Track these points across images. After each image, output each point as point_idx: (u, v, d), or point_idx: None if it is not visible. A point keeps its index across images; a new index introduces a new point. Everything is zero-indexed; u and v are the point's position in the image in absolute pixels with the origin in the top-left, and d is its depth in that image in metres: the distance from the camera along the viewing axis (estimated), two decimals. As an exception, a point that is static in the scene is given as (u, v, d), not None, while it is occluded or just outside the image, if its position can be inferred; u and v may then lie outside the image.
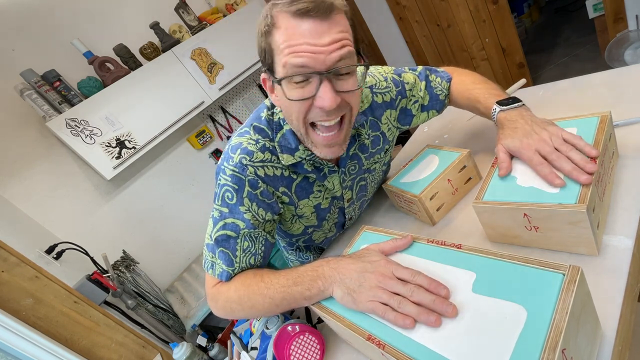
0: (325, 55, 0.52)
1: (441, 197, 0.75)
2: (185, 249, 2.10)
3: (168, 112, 1.83)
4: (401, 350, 0.43)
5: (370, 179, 0.85)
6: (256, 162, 0.66)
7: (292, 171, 0.70)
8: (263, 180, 0.67)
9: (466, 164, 0.76)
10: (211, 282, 0.69)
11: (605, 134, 0.54)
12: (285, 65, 0.54)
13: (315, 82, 0.55)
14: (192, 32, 1.96)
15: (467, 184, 0.78)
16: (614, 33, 1.97)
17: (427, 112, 0.86)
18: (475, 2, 2.29)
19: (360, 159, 0.78)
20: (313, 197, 0.75)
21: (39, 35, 1.69)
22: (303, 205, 0.75)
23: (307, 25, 0.52)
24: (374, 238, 0.65)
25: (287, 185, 0.71)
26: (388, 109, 0.79)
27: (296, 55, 0.52)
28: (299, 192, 0.73)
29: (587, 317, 0.39)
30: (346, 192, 0.80)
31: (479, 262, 0.46)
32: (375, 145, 0.79)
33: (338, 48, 0.53)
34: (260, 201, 0.67)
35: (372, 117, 0.78)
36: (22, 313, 1.05)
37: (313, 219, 0.80)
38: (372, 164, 0.82)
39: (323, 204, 0.78)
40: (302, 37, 0.52)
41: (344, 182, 0.77)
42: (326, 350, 0.66)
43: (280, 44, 0.53)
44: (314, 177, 0.73)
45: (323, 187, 0.75)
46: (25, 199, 1.63)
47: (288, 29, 0.52)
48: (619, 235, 0.50)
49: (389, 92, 0.79)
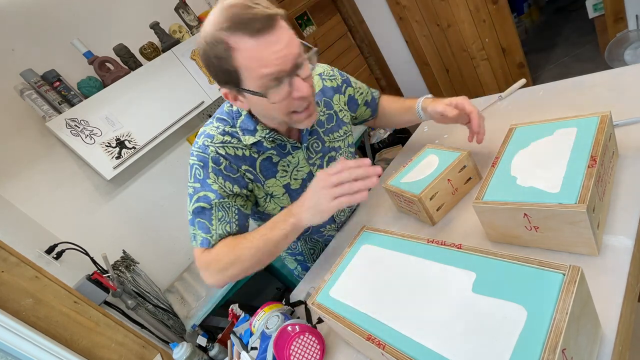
0: (287, 57, 0.62)
1: (441, 197, 0.75)
2: (186, 249, 2.10)
3: (168, 112, 1.83)
4: (401, 350, 0.43)
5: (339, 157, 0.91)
6: (217, 143, 0.76)
7: (253, 151, 0.78)
8: (224, 157, 0.76)
9: (466, 164, 0.76)
10: (198, 254, 0.76)
11: (605, 134, 0.54)
12: (262, 78, 0.62)
13: (286, 81, 0.63)
14: (192, 32, 1.96)
15: (467, 184, 0.78)
16: (614, 33, 1.97)
17: (367, 108, 1.00)
18: (475, 2, 2.29)
19: (319, 134, 0.86)
20: (280, 177, 0.82)
21: (39, 35, 1.69)
22: (271, 185, 0.82)
23: (263, 39, 0.59)
24: (374, 238, 0.65)
25: (251, 164, 0.79)
26: (336, 93, 0.92)
27: (268, 67, 0.60)
28: (263, 171, 0.80)
29: (587, 317, 0.39)
30: (316, 171, 0.86)
31: (479, 262, 0.46)
32: (329, 122, 0.89)
33: (292, 47, 0.62)
34: (226, 175, 0.76)
35: (325, 97, 0.89)
36: (22, 313, 1.05)
37: (286, 200, 0.85)
38: (334, 142, 0.90)
39: (293, 184, 0.84)
40: (265, 51, 0.60)
41: (310, 160, 0.85)
42: (326, 350, 0.66)
43: (249, 62, 0.61)
44: (277, 157, 0.81)
45: (288, 165, 0.82)
46: (25, 199, 1.63)
47: (249, 49, 0.59)
48: (619, 235, 0.50)
49: (335, 80, 0.92)
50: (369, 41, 3.00)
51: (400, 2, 2.58)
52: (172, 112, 1.84)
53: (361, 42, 3.03)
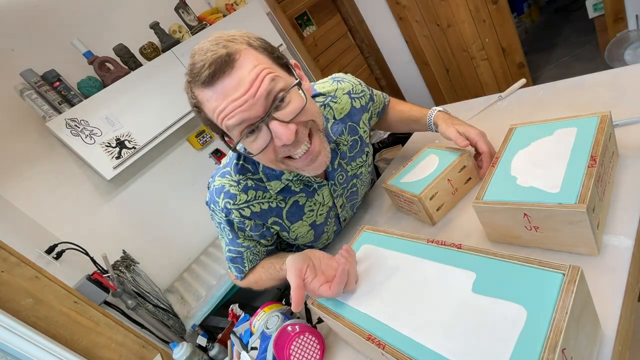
0: (253, 101, 0.51)
1: (441, 197, 0.75)
2: (186, 249, 2.10)
3: (168, 112, 1.83)
4: (401, 350, 0.43)
5: (360, 183, 0.86)
6: (240, 204, 0.69)
7: (279, 199, 0.72)
8: (249, 219, 0.71)
9: (466, 164, 0.76)
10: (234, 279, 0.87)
11: (605, 134, 0.54)
12: (230, 130, 0.54)
13: (264, 127, 0.54)
14: (192, 32, 1.96)
15: (467, 184, 0.78)
16: (614, 33, 1.97)
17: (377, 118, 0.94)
18: (475, 2, 2.29)
19: (343, 166, 0.79)
20: (306, 218, 0.77)
21: (39, 35, 1.69)
22: (297, 227, 0.78)
23: (220, 87, 0.51)
24: (374, 238, 0.65)
25: (277, 215, 0.73)
26: (364, 112, 0.82)
27: (229, 118, 0.52)
28: (290, 217, 0.75)
29: (587, 317, 0.39)
30: (338, 200, 0.82)
31: (479, 262, 0.46)
32: (353, 149, 0.80)
33: (259, 85, 0.52)
34: (254, 235, 0.75)
35: (351, 122, 0.79)
36: (22, 313, 1.05)
37: (310, 236, 0.82)
38: (357, 169, 0.82)
39: (318, 220, 0.80)
40: (223, 100, 0.51)
41: (335, 192, 0.79)
42: (326, 350, 0.66)
43: (212, 116, 0.54)
44: (304, 199, 0.74)
45: (314, 204, 0.76)
46: (25, 199, 1.62)
47: (209, 100, 0.53)
48: (619, 235, 0.50)
49: (364, 97, 0.82)
50: (369, 41, 3.00)
51: (400, 2, 2.58)
52: (172, 112, 1.84)
53: (361, 42, 3.03)
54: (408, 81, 3.07)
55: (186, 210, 2.12)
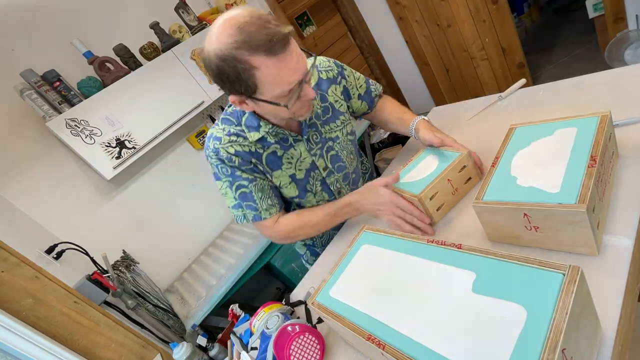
0: (300, 72, 0.69)
1: (441, 197, 0.75)
2: (185, 249, 2.10)
3: (168, 112, 1.82)
4: (401, 350, 0.43)
5: (339, 148, 0.96)
6: (225, 143, 0.84)
7: (258, 147, 0.86)
8: (235, 155, 0.84)
9: (466, 164, 0.76)
10: (261, 229, 0.93)
11: (605, 133, 0.54)
12: (281, 92, 0.69)
13: (298, 90, 0.71)
14: (192, 32, 1.96)
15: (467, 184, 0.78)
16: (614, 33, 1.97)
17: (361, 101, 1.03)
18: (475, 2, 2.29)
19: (317, 127, 0.92)
20: (285, 169, 0.90)
21: (39, 35, 1.69)
22: (278, 176, 0.90)
23: (281, 59, 0.65)
24: (374, 238, 0.65)
25: (257, 158, 0.87)
26: (332, 84, 0.95)
27: (286, 84, 0.68)
28: (269, 164, 0.88)
29: (587, 317, 0.39)
30: (318, 160, 0.93)
31: (479, 262, 0.46)
32: (325, 114, 0.93)
33: (302, 61, 0.70)
34: (244, 168, 0.86)
35: (320, 90, 0.93)
36: (22, 313, 1.05)
37: (293, 189, 0.92)
38: (331, 132, 0.94)
39: (298, 175, 0.92)
40: (283, 69, 0.66)
41: (311, 150, 0.91)
42: (326, 350, 0.66)
43: (269, 79, 0.67)
44: (281, 151, 0.88)
45: (292, 158, 0.90)
46: (25, 199, 1.62)
47: (269, 68, 0.65)
48: (619, 235, 0.50)
49: (331, 71, 0.96)
50: (369, 41, 3.00)
51: (400, 2, 2.58)
52: (172, 112, 1.83)
53: (361, 42, 3.03)
54: (408, 81, 3.07)
55: (186, 210, 2.12)
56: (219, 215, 2.24)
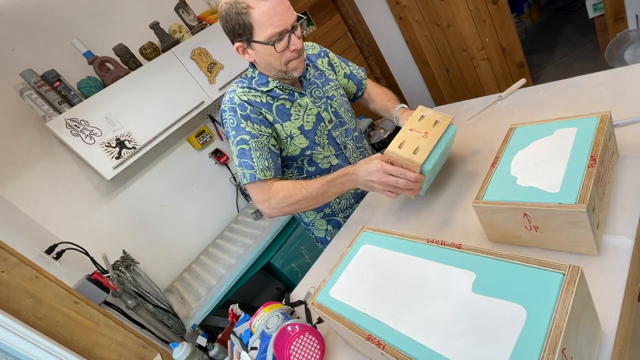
0: (289, 19, 0.85)
1: (411, 143, 0.76)
2: (185, 249, 2.10)
3: (168, 112, 1.82)
4: (401, 350, 0.43)
5: (337, 105, 1.07)
6: (239, 93, 0.96)
7: (269, 98, 0.97)
8: (248, 103, 0.94)
9: (423, 114, 0.79)
10: (255, 190, 0.94)
11: (605, 133, 0.54)
12: (270, 32, 0.84)
13: (286, 37, 0.86)
14: (192, 32, 1.96)
15: (437, 126, 0.78)
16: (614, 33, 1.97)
17: (348, 80, 1.17)
18: (475, 2, 2.29)
19: (317, 85, 1.05)
20: (294, 120, 0.99)
21: (39, 35, 1.69)
22: (288, 126, 0.98)
23: (273, 3, 0.82)
24: (374, 238, 0.65)
25: (268, 109, 0.97)
26: (318, 58, 1.11)
27: (276, 26, 0.83)
28: (279, 114, 0.98)
29: (587, 317, 0.39)
30: (323, 112, 1.03)
31: (479, 262, 0.46)
32: (320, 78, 1.07)
33: (291, 12, 0.86)
34: (253, 118, 0.93)
35: (309, 61, 1.07)
36: (22, 313, 1.05)
37: (303, 140, 1.00)
38: (328, 92, 1.07)
39: (306, 126, 1.01)
40: (275, 13, 0.83)
41: (316, 103, 1.03)
42: (326, 350, 0.66)
43: (261, 19, 0.83)
44: (289, 103, 0.99)
45: (299, 109, 1.00)
46: (25, 199, 1.62)
47: (263, 9, 0.82)
48: (619, 235, 0.50)
49: (315, 48, 1.13)
50: (369, 41, 3.00)
51: (400, 2, 2.58)
52: (172, 112, 1.83)
53: (361, 42, 3.03)
54: (408, 81, 3.07)
55: (186, 210, 2.12)
56: (219, 215, 2.24)
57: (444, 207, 0.81)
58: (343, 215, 1.13)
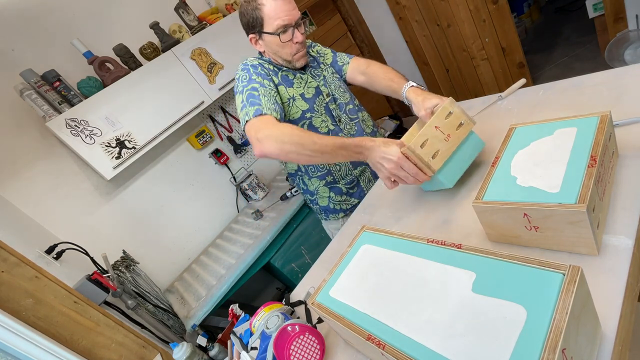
0: (293, 16, 1.01)
1: (433, 144, 0.74)
2: (185, 249, 2.10)
3: (168, 112, 1.82)
4: (401, 350, 0.43)
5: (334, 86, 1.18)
6: (251, 61, 1.09)
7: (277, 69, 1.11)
8: (260, 66, 1.07)
9: (451, 110, 0.76)
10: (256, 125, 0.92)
11: (605, 133, 0.54)
12: (276, 25, 1.00)
13: (290, 31, 1.02)
14: (192, 32, 1.96)
15: (460, 130, 0.77)
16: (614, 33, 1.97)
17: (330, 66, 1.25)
18: (475, 2, 2.28)
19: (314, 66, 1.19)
20: (296, 87, 1.11)
21: (39, 35, 1.69)
22: (290, 91, 1.10)
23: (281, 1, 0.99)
24: (374, 238, 0.65)
25: (274, 75, 1.10)
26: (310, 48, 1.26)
27: (283, 19, 1.00)
28: (284, 81, 1.10)
29: (587, 317, 0.39)
30: (322, 87, 1.15)
31: (479, 262, 0.46)
32: (313, 62, 1.21)
33: (295, 11, 1.02)
34: (263, 74, 1.05)
35: None
36: (22, 313, 1.05)
37: (304, 104, 1.11)
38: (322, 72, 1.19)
39: (307, 94, 1.12)
40: (282, 11, 1.00)
41: (315, 78, 1.16)
42: (326, 350, 0.66)
43: (270, 13, 1.00)
44: (292, 75, 1.12)
45: (301, 80, 1.13)
46: (25, 199, 1.62)
47: (271, 4, 0.99)
48: (619, 235, 0.50)
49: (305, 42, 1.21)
50: (369, 41, 3.00)
51: (400, 2, 2.58)
52: (172, 112, 1.83)
53: (361, 42, 3.03)
54: (408, 81, 3.07)
55: (186, 210, 2.12)
56: (219, 215, 2.24)
57: (444, 207, 0.81)
58: (344, 182, 1.20)
